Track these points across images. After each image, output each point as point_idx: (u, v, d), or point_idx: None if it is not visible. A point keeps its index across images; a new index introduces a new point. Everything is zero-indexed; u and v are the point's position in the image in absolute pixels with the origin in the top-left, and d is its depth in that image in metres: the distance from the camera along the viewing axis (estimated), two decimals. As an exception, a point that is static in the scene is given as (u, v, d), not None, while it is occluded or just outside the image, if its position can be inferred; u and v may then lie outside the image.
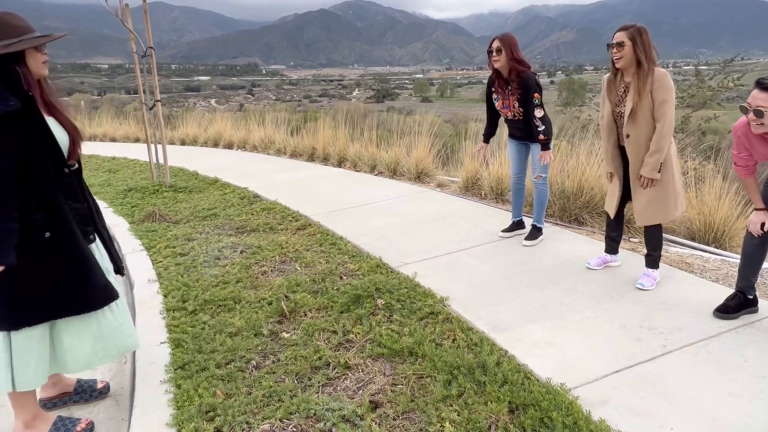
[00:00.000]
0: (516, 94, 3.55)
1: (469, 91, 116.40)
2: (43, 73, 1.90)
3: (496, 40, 3.56)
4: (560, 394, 2.04)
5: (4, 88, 1.74)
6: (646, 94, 2.79)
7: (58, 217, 1.87)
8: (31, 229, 1.81)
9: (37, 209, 1.82)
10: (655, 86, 2.77)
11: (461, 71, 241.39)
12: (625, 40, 2.80)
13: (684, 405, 2.02)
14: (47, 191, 1.85)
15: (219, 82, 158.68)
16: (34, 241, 1.82)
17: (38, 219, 1.82)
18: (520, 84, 3.50)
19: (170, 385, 2.31)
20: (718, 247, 3.79)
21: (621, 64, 2.83)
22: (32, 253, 1.81)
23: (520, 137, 3.77)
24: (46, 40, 1.88)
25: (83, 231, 1.97)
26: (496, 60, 3.52)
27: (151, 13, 5.97)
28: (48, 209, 1.85)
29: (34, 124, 1.80)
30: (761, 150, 2.46)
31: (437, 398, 2.11)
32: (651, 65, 2.78)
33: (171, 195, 6.08)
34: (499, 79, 3.63)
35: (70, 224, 1.90)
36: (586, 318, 2.72)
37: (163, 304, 3.14)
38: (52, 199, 1.86)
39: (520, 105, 3.56)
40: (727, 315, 2.62)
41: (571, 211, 4.32)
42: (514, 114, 3.64)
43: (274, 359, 2.51)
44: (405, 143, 6.65)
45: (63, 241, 1.88)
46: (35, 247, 1.82)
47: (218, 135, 10.75)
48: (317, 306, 3.01)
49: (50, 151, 1.85)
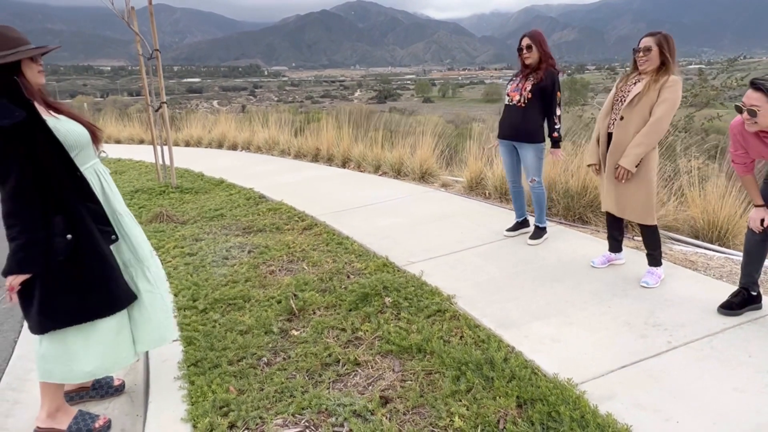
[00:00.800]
0: (535, 80, 3.55)
1: (471, 92, 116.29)
2: (40, 81, 1.93)
3: (525, 37, 3.61)
4: (567, 389, 2.08)
5: (6, 100, 1.78)
6: (655, 88, 2.84)
7: (76, 220, 1.90)
8: (53, 233, 1.85)
9: (56, 213, 1.86)
10: (666, 85, 2.82)
11: (463, 71, 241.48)
12: (652, 45, 2.86)
13: (689, 399, 2.06)
14: (63, 195, 1.88)
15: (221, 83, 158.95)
16: (57, 245, 1.86)
17: (58, 223, 1.86)
18: (545, 76, 3.53)
19: (184, 381, 2.36)
20: (722, 245, 3.82)
21: (645, 67, 2.89)
22: (57, 257, 1.86)
23: (509, 134, 3.72)
24: (41, 51, 1.91)
25: (102, 231, 2.01)
26: (527, 57, 3.58)
27: (149, 15, 6.03)
28: (66, 212, 1.88)
29: (40, 131, 1.83)
30: (756, 148, 2.51)
31: (446, 393, 2.15)
32: (672, 67, 2.86)
33: (177, 196, 6.13)
34: (525, 69, 3.64)
35: (89, 226, 1.94)
36: (591, 315, 2.76)
37: (174, 303, 3.18)
38: (69, 202, 1.89)
39: (531, 90, 3.55)
40: (731, 311, 2.65)
41: (575, 210, 4.35)
42: (520, 99, 3.60)
43: (284, 356, 2.56)
44: (409, 143, 6.69)
45: (83, 243, 1.92)
46: (59, 250, 1.86)
47: (222, 136, 10.82)
48: (326, 304, 3.05)
49: (60, 156, 1.88)
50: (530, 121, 3.60)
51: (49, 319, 1.92)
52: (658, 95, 2.84)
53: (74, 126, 1.97)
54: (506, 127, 3.74)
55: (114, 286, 2.02)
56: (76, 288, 1.93)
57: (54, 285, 1.89)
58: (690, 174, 4.12)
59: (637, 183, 2.97)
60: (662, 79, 2.84)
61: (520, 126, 3.63)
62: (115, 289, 2.03)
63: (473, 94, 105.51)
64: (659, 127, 2.85)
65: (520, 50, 3.62)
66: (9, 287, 1.82)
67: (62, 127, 1.92)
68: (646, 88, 2.87)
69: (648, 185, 2.96)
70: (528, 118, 3.59)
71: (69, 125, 1.95)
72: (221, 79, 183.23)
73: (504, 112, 3.76)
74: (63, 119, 1.95)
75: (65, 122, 1.95)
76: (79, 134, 1.97)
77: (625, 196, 3.02)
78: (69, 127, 1.94)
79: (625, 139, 2.94)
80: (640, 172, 2.95)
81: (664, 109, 2.83)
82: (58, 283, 1.90)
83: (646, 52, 2.87)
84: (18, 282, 1.82)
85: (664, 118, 2.84)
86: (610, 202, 3.13)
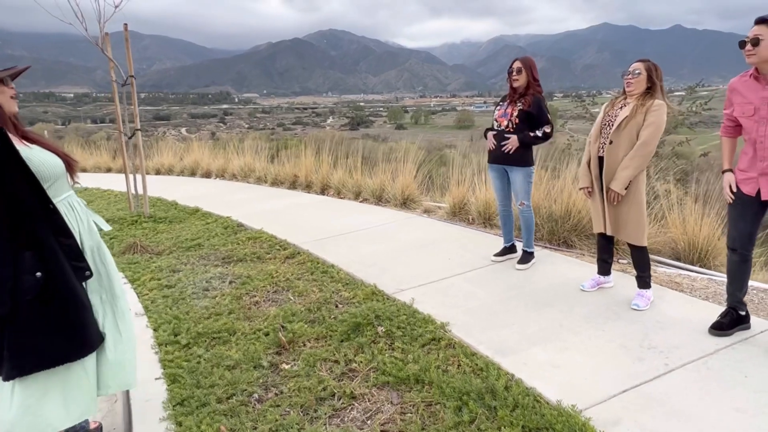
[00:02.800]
0: (523, 106, 3.62)
1: (443, 118, 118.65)
2: (13, 109, 1.83)
3: (517, 61, 3.70)
4: (572, 416, 2.05)
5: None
6: (641, 112, 2.93)
7: (48, 256, 1.77)
8: (22, 270, 1.71)
9: (26, 248, 1.73)
10: (651, 109, 2.92)
11: (435, 98, 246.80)
12: (642, 69, 2.98)
13: (693, 422, 2.05)
14: (35, 228, 1.75)
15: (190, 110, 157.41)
16: (26, 282, 1.71)
17: (27, 259, 1.72)
18: (532, 102, 3.61)
19: (170, 422, 2.22)
20: (703, 266, 3.91)
21: (632, 90, 3.01)
22: (25, 296, 1.71)
23: (500, 157, 3.74)
24: (8, 74, 1.81)
25: (76, 267, 1.86)
26: (516, 79, 3.66)
27: (120, 41, 5.94)
28: (37, 248, 1.75)
29: (12, 160, 1.72)
30: (746, 95, 2.56)
31: (449, 425, 2.08)
32: (658, 92, 2.96)
33: (151, 225, 5.94)
34: (513, 94, 3.72)
35: (61, 262, 1.80)
36: (586, 339, 2.75)
37: (154, 338, 3.03)
38: (41, 237, 1.76)
39: (518, 115, 3.63)
40: (722, 332, 2.69)
41: (559, 235, 4.40)
42: (508, 123, 3.68)
43: (276, 392, 2.44)
44: (390, 170, 6.70)
45: (55, 281, 1.77)
46: (28, 289, 1.72)
47: (195, 164, 10.63)
48: (315, 335, 2.96)
49: (33, 187, 1.76)
50: (519, 146, 3.64)
51: (18, 364, 1.74)
52: (644, 119, 2.93)
53: (48, 156, 1.86)
54: (497, 152, 3.78)
55: (85, 327, 1.86)
56: (44, 329, 1.77)
57: (23, 326, 1.73)
58: (668, 197, 4.24)
59: (628, 204, 3.03)
60: (648, 103, 2.94)
61: (509, 150, 3.67)
62: (86, 331, 1.87)
63: (445, 121, 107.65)
64: (645, 150, 2.93)
65: (510, 72, 3.70)
66: None
67: (35, 157, 1.80)
68: (633, 112, 2.96)
69: (639, 206, 3.03)
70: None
71: (42, 155, 1.83)
72: (190, 106, 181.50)
73: (493, 137, 3.79)
74: (36, 149, 1.84)
75: (38, 152, 1.84)
76: (53, 165, 1.85)
77: (619, 216, 3.08)
78: (42, 157, 1.83)
79: (615, 162, 3.02)
80: (630, 194, 3.01)
81: (649, 133, 2.92)
82: (26, 324, 1.74)
83: (635, 75, 2.98)
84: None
85: (650, 141, 2.93)
86: (605, 223, 3.17)
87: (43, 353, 1.78)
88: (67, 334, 1.82)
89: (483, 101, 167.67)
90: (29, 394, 1.79)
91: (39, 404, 1.80)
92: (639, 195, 3.02)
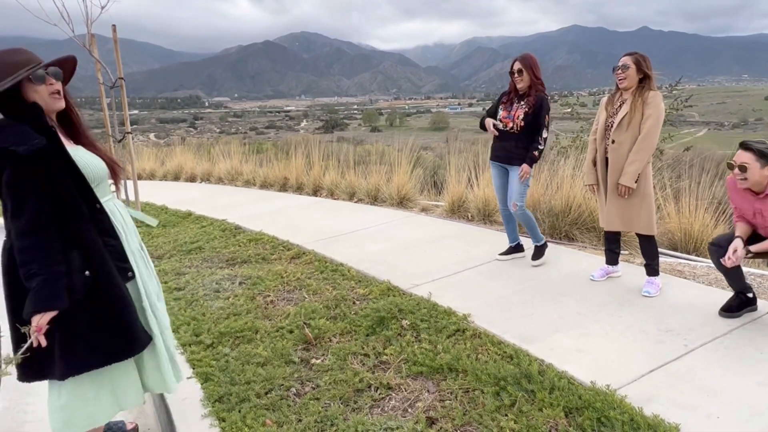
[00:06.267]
0: (527, 107, 3.63)
1: (417, 120, 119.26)
2: (54, 106, 1.78)
3: (517, 61, 3.67)
4: (609, 394, 2.14)
5: (26, 125, 1.66)
6: (638, 107, 3.05)
7: (94, 255, 1.78)
8: (71, 269, 1.72)
9: (73, 248, 1.74)
10: (648, 102, 3.04)
11: (409, 101, 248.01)
12: (630, 63, 3.07)
13: (721, 396, 2.17)
14: (81, 228, 1.76)
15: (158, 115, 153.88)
16: (76, 282, 1.72)
17: (76, 258, 1.73)
18: (535, 101, 3.61)
19: (213, 418, 2.22)
20: (699, 255, 4.10)
21: (624, 85, 3.10)
22: (75, 296, 1.72)
23: (502, 156, 3.80)
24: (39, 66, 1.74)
25: (120, 268, 1.87)
26: (518, 80, 3.64)
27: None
28: (83, 247, 1.76)
29: (61, 160, 1.72)
30: (741, 203, 2.75)
31: (491, 409, 2.15)
32: (650, 83, 3.07)
33: (144, 230, 5.84)
34: (515, 94, 3.72)
35: (107, 263, 1.81)
36: (606, 325, 2.87)
37: (177, 339, 3.01)
38: (87, 237, 1.77)
39: (524, 119, 3.63)
40: (731, 314, 2.85)
41: (561, 229, 4.54)
42: (513, 126, 3.68)
43: (313, 385, 2.47)
44: (384, 170, 6.76)
45: (102, 281, 1.79)
46: (77, 288, 1.72)
47: (179, 168, 10.46)
48: (340, 331, 2.99)
49: (79, 187, 1.77)
50: (523, 146, 3.68)
51: (72, 363, 1.76)
52: (643, 112, 3.05)
53: (91, 158, 1.86)
54: (500, 150, 3.82)
55: (133, 326, 1.88)
56: (95, 328, 1.79)
57: (74, 326, 1.75)
58: (664, 190, 4.42)
59: (639, 196, 3.16)
60: (644, 95, 3.05)
61: (514, 151, 3.72)
62: (134, 330, 1.89)
63: (420, 123, 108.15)
64: (648, 143, 3.06)
65: (512, 74, 3.72)
66: (36, 328, 1.66)
67: (80, 158, 1.80)
68: (632, 109, 3.08)
69: (648, 197, 3.17)
70: (521, 143, 3.68)
71: (87, 157, 1.84)
72: (158, 110, 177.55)
73: (496, 137, 3.81)
74: (81, 150, 1.85)
75: (83, 153, 1.84)
76: (97, 167, 1.85)
77: (630, 209, 3.20)
78: (87, 159, 1.83)
79: (621, 160, 3.13)
80: (640, 186, 3.14)
81: (650, 125, 3.04)
82: (77, 324, 1.75)
83: (624, 70, 3.08)
84: (45, 321, 1.67)
85: (652, 132, 3.05)
86: (614, 219, 3.28)
87: (96, 352, 1.79)
88: (117, 333, 1.83)
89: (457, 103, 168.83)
90: (80, 385, 1.82)
91: (90, 396, 1.83)
92: (647, 186, 3.16)
